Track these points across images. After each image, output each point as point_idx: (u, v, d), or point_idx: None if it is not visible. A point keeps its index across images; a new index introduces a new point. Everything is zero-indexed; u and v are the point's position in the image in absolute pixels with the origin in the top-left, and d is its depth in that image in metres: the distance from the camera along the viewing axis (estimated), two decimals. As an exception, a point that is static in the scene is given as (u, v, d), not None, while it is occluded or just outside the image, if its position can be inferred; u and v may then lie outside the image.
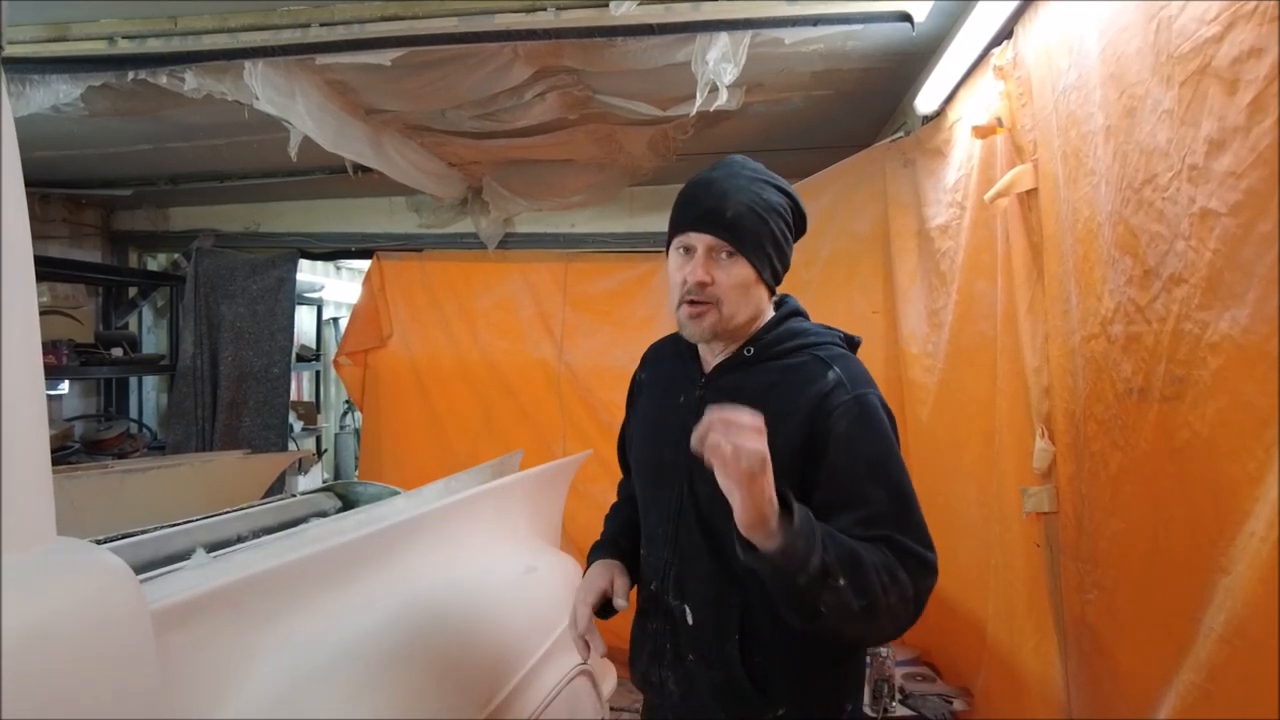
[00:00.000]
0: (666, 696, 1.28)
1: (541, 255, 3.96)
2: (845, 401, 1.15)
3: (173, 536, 1.68)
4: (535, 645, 1.69)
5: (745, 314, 1.23)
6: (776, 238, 1.22)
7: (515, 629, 1.65)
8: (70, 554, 0.78)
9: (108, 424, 4.23)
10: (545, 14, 1.81)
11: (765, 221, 1.20)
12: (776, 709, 1.20)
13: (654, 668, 1.29)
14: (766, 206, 1.21)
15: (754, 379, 1.23)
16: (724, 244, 1.19)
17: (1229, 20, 0.89)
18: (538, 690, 1.63)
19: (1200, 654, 1.03)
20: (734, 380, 1.25)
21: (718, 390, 1.24)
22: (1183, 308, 1.04)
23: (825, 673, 1.25)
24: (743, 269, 1.20)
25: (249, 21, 1.89)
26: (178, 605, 0.88)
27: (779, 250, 1.24)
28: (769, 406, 1.06)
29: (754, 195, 1.21)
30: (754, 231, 1.20)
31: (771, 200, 1.22)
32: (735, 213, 1.19)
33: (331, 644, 1.13)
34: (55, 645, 0.70)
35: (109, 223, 4.42)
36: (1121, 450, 1.26)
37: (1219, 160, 0.92)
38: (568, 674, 1.81)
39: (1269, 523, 0.88)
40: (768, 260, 1.22)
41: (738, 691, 1.20)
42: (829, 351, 1.23)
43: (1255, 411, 0.91)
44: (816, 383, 1.18)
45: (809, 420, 1.16)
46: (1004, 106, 1.67)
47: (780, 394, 1.19)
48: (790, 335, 1.25)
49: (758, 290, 1.23)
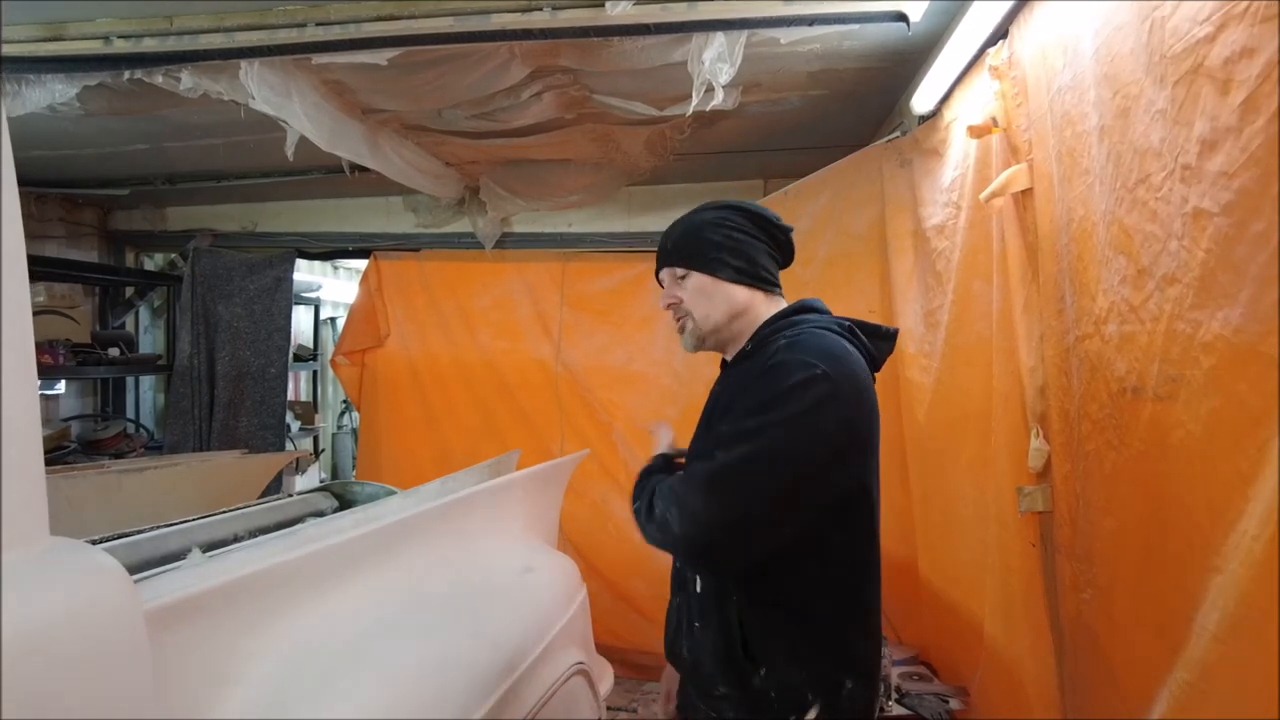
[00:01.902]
0: (683, 666, 1.39)
1: (539, 255, 3.95)
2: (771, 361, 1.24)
3: (169, 537, 1.68)
4: (532, 644, 1.68)
5: (719, 313, 1.39)
6: (719, 242, 1.38)
7: (511, 628, 1.65)
8: (63, 554, 0.78)
9: (105, 424, 4.22)
10: (541, 14, 1.81)
11: (699, 235, 1.39)
12: (759, 668, 1.26)
13: (677, 640, 1.40)
14: (701, 224, 1.41)
15: (743, 369, 1.36)
16: (673, 268, 1.42)
17: (1221, 20, 0.89)
18: (534, 689, 1.62)
19: (1194, 653, 1.04)
20: (736, 374, 1.38)
21: (725, 381, 1.43)
22: (1176, 307, 1.04)
23: (816, 643, 1.27)
24: (696, 279, 1.40)
25: (245, 21, 1.89)
26: (172, 605, 0.88)
27: (730, 249, 1.38)
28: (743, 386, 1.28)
29: (689, 222, 1.43)
30: (691, 246, 1.40)
31: (706, 218, 1.41)
32: (673, 241, 1.43)
33: (327, 644, 1.13)
34: (48, 645, 0.70)
35: (106, 222, 4.41)
36: (1116, 449, 1.26)
37: (1212, 160, 0.93)
38: (564, 673, 1.81)
39: (1262, 521, 0.88)
40: (718, 262, 1.38)
41: (732, 653, 1.27)
42: (798, 330, 1.31)
43: (1248, 410, 0.91)
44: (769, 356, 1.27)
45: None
46: (999, 106, 1.67)
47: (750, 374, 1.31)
48: (783, 327, 1.34)
49: (722, 289, 1.38)
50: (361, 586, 1.31)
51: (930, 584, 2.40)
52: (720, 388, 1.44)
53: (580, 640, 2.03)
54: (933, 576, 2.39)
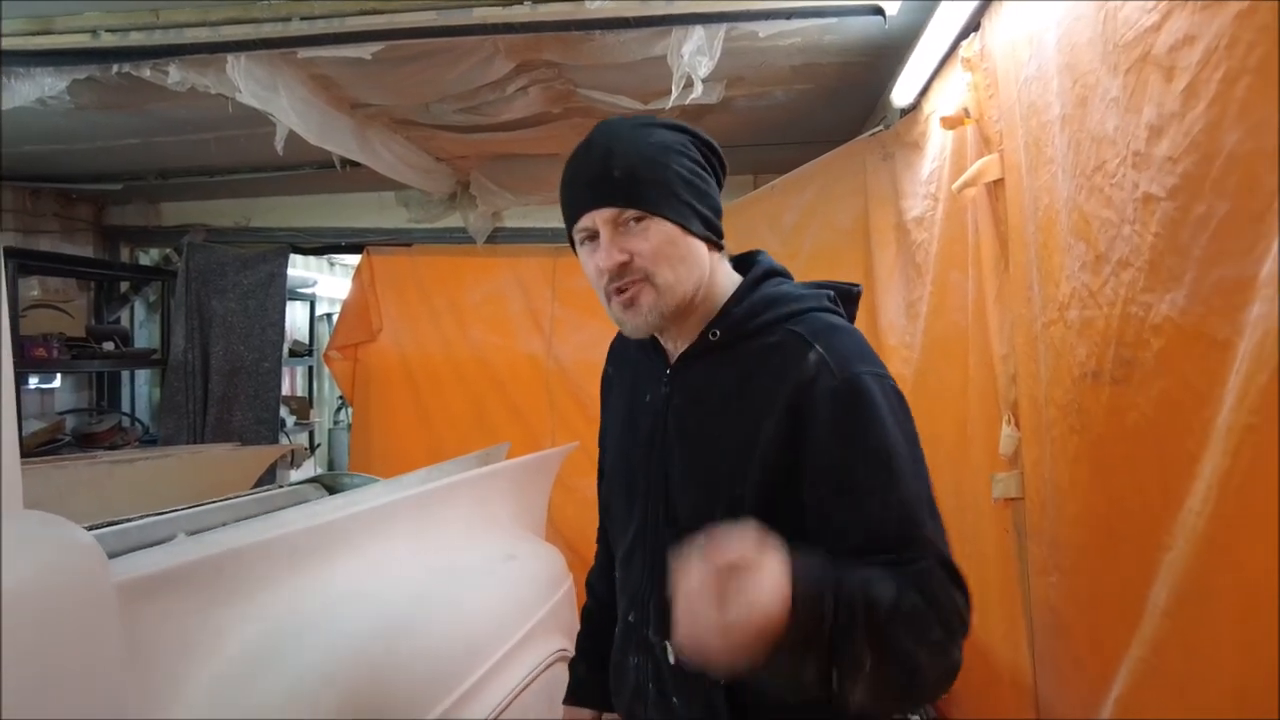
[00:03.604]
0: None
1: (531, 250, 3.98)
2: (831, 388, 0.94)
3: (157, 524, 1.71)
4: (512, 629, 1.71)
5: (689, 279, 1.01)
6: (686, 179, 1.01)
7: (492, 612, 1.68)
8: (35, 526, 0.81)
9: (99, 418, 4.24)
10: (522, 8, 1.83)
11: (664, 165, 0.99)
12: None
13: (637, 704, 1.12)
14: (660, 148, 1.00)
15: (724, 369, 1.03)
16: (625, 210, 0.98)
17: (1167, 9, 0.92)
18: (513, 673, 1.65)
19: (1146, 630, 1.06)
20: (701, 373, 1.05)
21: (684, 386, 1.06)
22: (1129, 291, 1.06)
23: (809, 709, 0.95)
24: (660, 227, 0.99)
25: (230, 15, 1.91)
26: (142, 579, 0.91)
27: (697, 193, 1.02)
28: (744, 404, 0.98)
29: (640, 141, 1.01)
30: (654, 181, 0.98)
31: (664, 139, 1.01)
32: (624, 169, 0.98)
33: (302, 622, 1.15)
34: (16, 611, 0.72)
35: (100, 217, 4.44)
36: (1078, 433, 1.29)
37: (1158, 146, 0.95)
38: (546, 658, 1.84)
39: (1204, 498, 0.90)
40: (687, 208, 1.00)
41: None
42: (812, 324, 1.01)
43: (1194, 390, 0.94)
44: (796, 367, 0.96)
45: (790, 415, 0.95)
46: (972, 98, 1.69)
47: (756, 386, 0.99)
48: (765, 305, 1.03)
49: (692, 246, 1.01)
50: (339, 567, 1.33)
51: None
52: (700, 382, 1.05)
53: (565, 628, 2.06)
54: (915, 566, 2.41)
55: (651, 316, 1.01)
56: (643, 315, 1.00)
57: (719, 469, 0.99)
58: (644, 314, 1.00)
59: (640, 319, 1.01)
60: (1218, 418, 0.89)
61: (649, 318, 1.01)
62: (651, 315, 1.00)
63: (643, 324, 1.02)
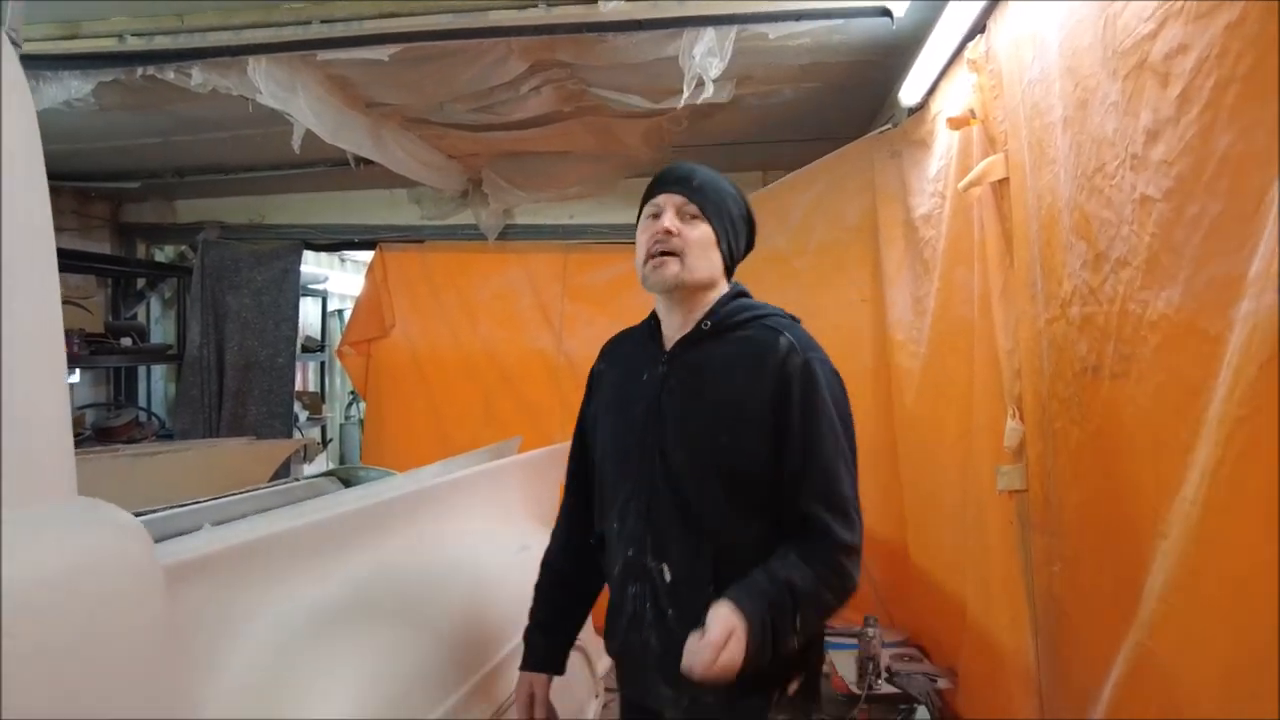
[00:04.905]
0: (648, 655, 1.31)
1: (541, 246, 4.02)
2: (799, 365, 1.26)
3: (180, 516, 1.76)
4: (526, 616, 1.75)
5: (704, 272, 1.33)
6: (734, 216, 1.37)
7: (508, 601, 1.72)
8: (89, 510, 0.86)
9: (117, 412, 4.31)
10: (537, 10, 1.88)
11: (725, 198, 1.36)
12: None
13: (634, 632, 1.33)
14: (726, 190, 1.38)
15: (715, 352, 1.32)
16: (690, 204, 1.32)
17: (1162, 17, 0.95)
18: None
19: (1143, 615, 1.10)
20: (696, 355, 1.34)
21: (682, 365, 1.34)
22: (1127, 289, 1.10)
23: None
24: (705, 229, 1.32)
25: (252, 19, 1.96)
26: (187, 562, 0.96)
27: (735, 230, 1.37)
28: (735, 376, 1.28)
29: (716, 180, 1.37)
30: (716, 200, 1.34)
31: (730, 190, 1.39)
32: (700, 180, 1.34)
33: (329, 605, 1.20)
34: (73, 589, 0.77)
35: (117, 215, 4.50)
36: (1079, 426, 1.33)
37: (1155, 149, 0.99)
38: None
39: (1196, 486, 0.94)
40: (727, 231, 1.35)
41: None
42: (777, 321, 1.34)
43: (1188, 383, 0.98)
44: (773, 346, 1.28)
45: (774, 380, 1.27)
46: (977, 99, 1.72)
47: (743, 362, 1.30)
48: (741, 309, 1.36)
49: (716, 255, 1.34)
50: (363, 555, 1.38)
51: (919, 566, 2.46)
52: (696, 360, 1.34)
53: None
54: (921, 559, 2.45)
55: (670, 280, 1.31)
56: (664, 276, 1.31)
57: (710, 422, 1.29)
58: (665, 276, 1.31)
59: (662, 279, 1.31)
60: (1209, 409, 0.93)
61: (667, 281, 1.31)
62: (670, 279, 1.31)
63: (661, 282, 1.32)
